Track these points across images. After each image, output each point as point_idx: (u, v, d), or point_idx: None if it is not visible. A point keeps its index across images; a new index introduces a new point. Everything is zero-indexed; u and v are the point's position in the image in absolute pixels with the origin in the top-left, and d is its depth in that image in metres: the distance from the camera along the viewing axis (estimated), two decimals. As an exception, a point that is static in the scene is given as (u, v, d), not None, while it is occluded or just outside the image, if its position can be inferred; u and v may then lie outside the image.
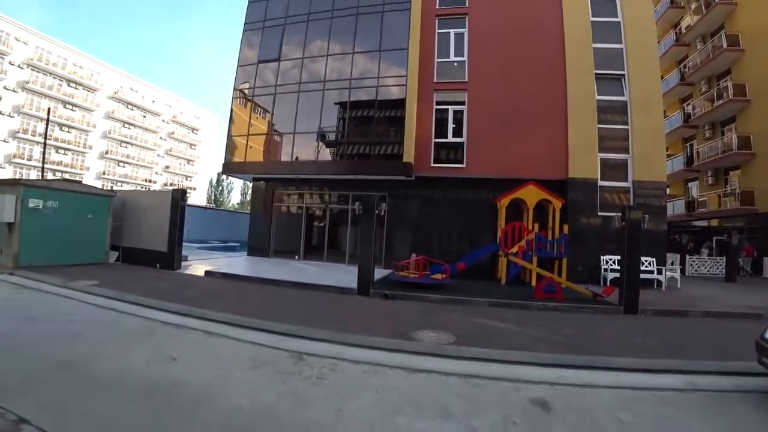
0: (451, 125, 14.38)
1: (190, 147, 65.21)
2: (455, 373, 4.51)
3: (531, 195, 12.10)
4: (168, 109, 60.05)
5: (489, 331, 6.57)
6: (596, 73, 14.03)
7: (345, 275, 11.20)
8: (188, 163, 64.81)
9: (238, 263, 13.71)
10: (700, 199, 25.89)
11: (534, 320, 7.52)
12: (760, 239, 20.95)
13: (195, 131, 65.87)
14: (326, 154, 15.16)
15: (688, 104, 27.23)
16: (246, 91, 16.59)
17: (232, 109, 16.68)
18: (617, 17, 14.62)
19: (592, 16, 14.51)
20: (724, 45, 23.24)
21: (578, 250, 12.51)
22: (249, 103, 16.49)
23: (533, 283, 10.67)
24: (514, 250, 10.95)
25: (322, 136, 15.03)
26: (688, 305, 9.78)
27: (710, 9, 24.38)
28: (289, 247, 16.10)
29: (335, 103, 14.93)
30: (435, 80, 14.57)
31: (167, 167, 60.34)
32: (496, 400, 3.88)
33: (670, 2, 28.28)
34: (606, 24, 14.55)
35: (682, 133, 28.10)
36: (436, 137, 14.27)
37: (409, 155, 13.40)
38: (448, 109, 14.43)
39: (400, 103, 13.82)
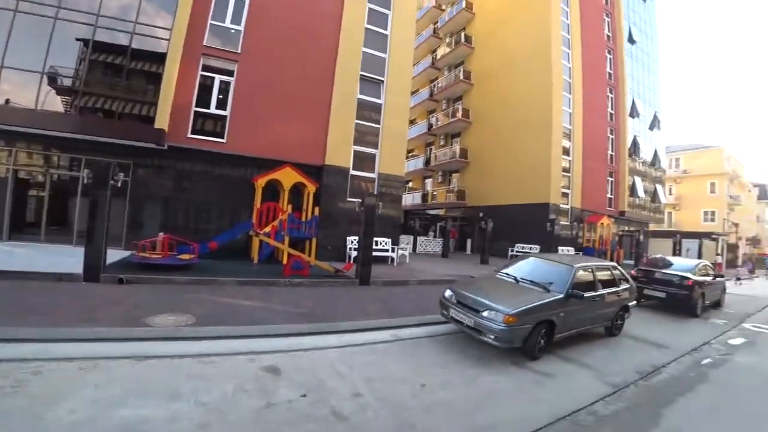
0: (215, 95, 13.39)
1: None
2: (191, 354, 4.57)
3: (288, 177, 12.67)
4: None
5: (234, 309, 6.78)
6: (361, 75, 15.69)
7: (70, 258, 9.22)
8: None
9: None
10: (433, 193, 32.84)
11: (280, 296, 8.14)
12: (468, 225, 28.71)
13: None
14: (55, 103, 11.78)
15: (432, 116, 34.09)
16: None
17: None
18: (386, 31, 16.64)
19: (367, 23, 16.06)
20: (461, 77, 30.18)
21: (329, 231, 13.97)
22: None
23: (285, 261, 11.25)
24: (267, 229, 11.36)
25: (51, 79, 11.54)
26: (409, 276, 12.38)
27: (456, 47, 31.22)
28: (-15, 223, 12.00)
29: (76, 39, 11.66)
30: (205, 43, 13.27)
31: None
32: (230, 374, 4.18)
33: (433, 32, 34.47)
34: (377, 33, 16.37)
35: (426, 139, 34.93)
36: (197, 105, 13.02)
37: (162, 121, 11.81)
38: (214, 78, 13.39)
39: (160, 59, 11.99)
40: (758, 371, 6.25)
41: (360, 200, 11.37)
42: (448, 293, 6.38)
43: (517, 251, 22.63)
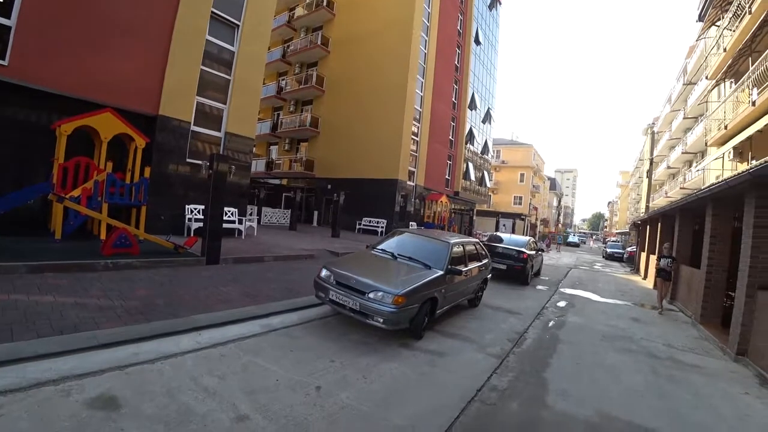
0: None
1: None
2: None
3: (108, 125, 9.49)
4: None
5: (28, 311, 4.42)
6: (213, 12, 12.94)
7: None
8: None
9: None
10: (277, 161, 31.16)
11: (100, 284, 5.97)
12: (314, 197, 28.10)
13: None
14: None
15: (283, 79, 31.83)
16: None
17: None
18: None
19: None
20: (318, 42, 28.67)
21: (162, 198, 11.40)
22: None
23: (103, 236, 8.72)
24: (76, 193, 8.44)
25: None
26: (264, 251, 11.01)
27: (316, 9, 29.37)
28: None
29: None
30: None
31: None
32: (29, 425, 2.50)
33: (292, -14, 31.59)
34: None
35: (274, 102, 32.48)
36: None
37: None
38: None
39: None
40: (588, 328, 7.44)
41: (207, 162, 9.43)
42: (324, 273, 5.66)
43: (364, 225, 23.06)
